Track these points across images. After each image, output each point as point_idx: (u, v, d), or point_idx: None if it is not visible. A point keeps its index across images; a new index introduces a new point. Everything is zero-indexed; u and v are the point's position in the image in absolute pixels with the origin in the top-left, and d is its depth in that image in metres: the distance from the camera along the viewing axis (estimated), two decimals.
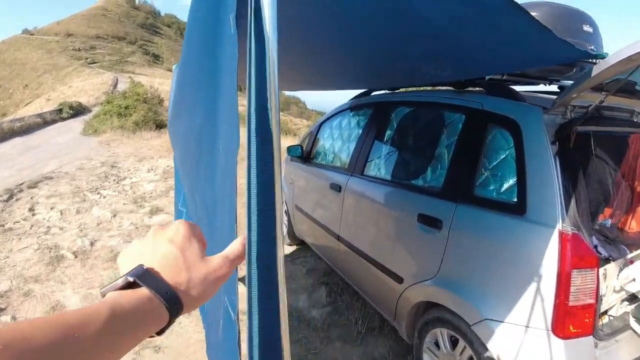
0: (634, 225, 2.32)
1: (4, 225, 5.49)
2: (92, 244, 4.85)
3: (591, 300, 1.73)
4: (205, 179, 1.27)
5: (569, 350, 1.69)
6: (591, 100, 1.94)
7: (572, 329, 1.71)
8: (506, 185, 1.98)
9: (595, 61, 1.70)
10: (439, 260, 2.18)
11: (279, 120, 0.76)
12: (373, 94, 3.58)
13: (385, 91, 3.44)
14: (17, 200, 6.68)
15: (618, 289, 2.01)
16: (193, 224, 0.63)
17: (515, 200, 1.91)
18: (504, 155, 2.02)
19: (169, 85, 4.94)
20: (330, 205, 3.50)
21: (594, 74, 1.49)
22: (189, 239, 0.59)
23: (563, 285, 1.67)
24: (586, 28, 2.26)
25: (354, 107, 3.68)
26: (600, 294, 1.79)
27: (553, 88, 2.78)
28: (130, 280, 0.50)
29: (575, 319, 1.71)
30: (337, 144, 3.77)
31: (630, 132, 2.26)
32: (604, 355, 1.79)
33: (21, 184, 7.66)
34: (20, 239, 5.04)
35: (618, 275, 1.98)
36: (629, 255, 2.02)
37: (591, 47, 2.26)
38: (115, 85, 41.37)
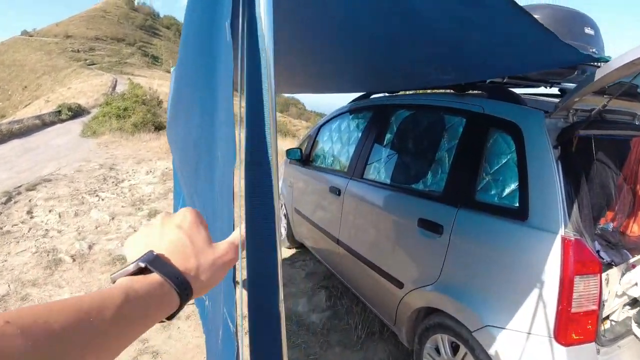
0: (636, 229, 2.30)
1: (2, 228, 5.46)
2: (90, 247, 4.82)
3: (594, 307, 1.71)
4: (204, 183, 1.26)
5: (571, 357, 1.67)
6: (593, 103, 1.93)
7: (575, 336, 1.69)
8: (508, 190, 1.96)
9: (598, 64, 1.68)
10: (439, 266, 2.16)
11: (276, 123, 0.75)
12: (373, 96, 3.55)
13: (385, 94, 3.42)
14: (16, 202, 6.66)
15: (620, 294, 1.99)
16: (199, 211, 0.63)
17: (517, 205, 1.89)
18: (506, 159, 2.00)
19: (167, 86, 4.93)
20: (329, 209, 3.48)
21: (597, 78, 1.48)
22: (197, 226, 0.60)
23: (565, 292, 1.65)
24: (588, 30, 2.25)
25: (353, 110, 3.66)
26: (603, 300, 1.77)
27: (551, 89, 2.77)
28: (142, 265, 0.51)
29: (578, 326, 1.69)
30: (337, 147, 3.75)
31: (632, 136, 2.25)
32: None
33: (19, 186, 7.63)
34: (18, 242, 5.01)
35: (620, 280, 1.96)
36: (631, 259, 2.01)
37: (593, 50, 2.25)
38: (114, 86, 41.49)
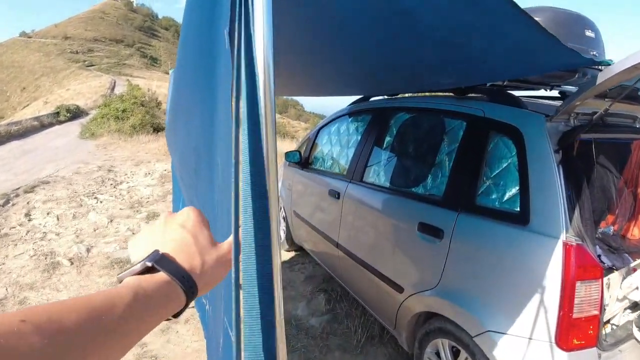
0: (637, 232, 2.29)
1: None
2: (89, 250, 4.80)
3: (595, 312, 1.70)
4: (204, 186, 1.25)
5: None
6: (593, 106, 1.92)
7: (576, 341, 1.68)
8: (509, 195, 1.95)
9: (600, 67, 1.67)
10: (440, 270, 2.14)
11: (275, 125, 0.75)
12: (372, 99, 3.54)
13: (385, 97, 3.41)
14: (14, 205, 6.63)
15: (621, 298, 1.98)
16: (201, 210, 0.65)
17: (518, 209, 1.87)
18: (506, 163, 1.98)
19: (166, 88, 4.92)
20: (329, 212, 3.46)
21: (598, 82, 1.47)
22: (200, 225, 0.61)
23: (567, 297, 1.64)
24: (588, 33, 2.24)
25: (353, 113, 3.64)
26: (604, 304, 1.76)
27: (551, 92, 2.76)
28: (149, 265, 0.52)
29: (579, 331, 1.68)
30: (336, 150, 3.73)
31: (633, 139, 2.24)
32: None
33: (17, 188, 7.61)
34: (16, 245, 4.99)
35: (621, 284, 1.95)
36: (632, 263, 2.00)
37: (593, 53, 2.24)
38: (112, 88, 41.53)
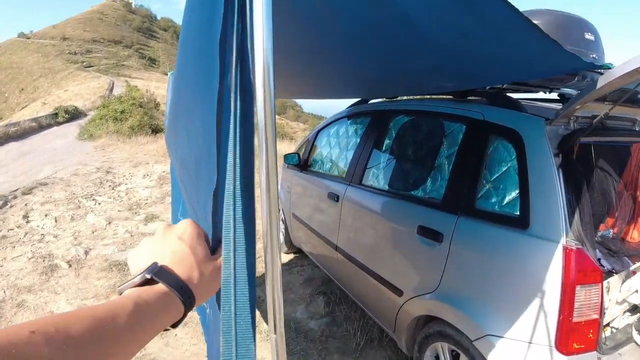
0: (636, 235, 2.29)
1: None
2: (87, 252, 4.78)
3: (595, 316, 1.69)
4: (204, 189, 1.24)
5: None
6: (593, 110, 1.91)
7: (576, 345, 1.67)
8: (508, 198, 1.94)
9: (601, 71, 1.67)
10: (439, 274, 2.13)
11: (275, 126, 0.75)
12: (371, 101, 3.53)
13: (384, 99, 3.40)
14: (12, 207, 6.61)
15: (620, 301, 1.97)
16: (198, 224, 0.67)
17: (517, 213, 1.87)
18: (506, 167, 1.98)
19: (165, 89, 4.92)
20: (328, 215, 3.46)
21: (599, 86, 1.46)
22: (197, 237, 0.64)
23: (567, 301, 1.64)
24: (588, 36, 2.24)
25: (352, 115, 3.63)
26: (604, 308, 1.76)
27: (550, 94, 2.76)
28: (148, 277, 0.54)
29: (579, 335, 1.67)
30: (335, 153, 3.73)
31: (632, 142, 2.23)
32: None
33: (15, 190, 7.59)
34: (14, 247, 4.97)
35: (620, 287, 1.95)
36: (632, 266, 1.99)
37: (593, 55, 2.24)
38: (111, 89, 41.49)
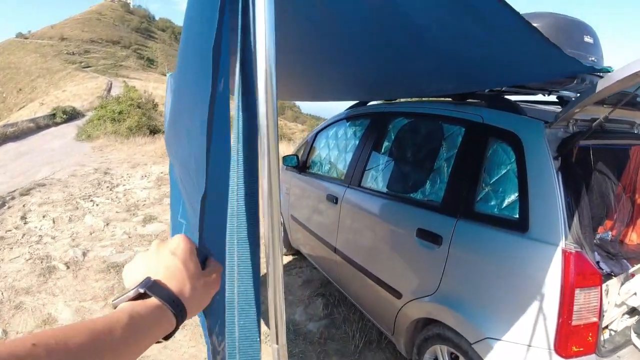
0: (635, 237, 2.30)
1: None
2: (85, 254, 4.77)
3: (594, 319, 1.69)
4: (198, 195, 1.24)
5: None
6: (592, 113, 1.92)
7: (575, 348, 1.67)
8: (508, 201, 1.94)
9: (601, 75, 1.67)
10: (438, 277, 2.13)
11: (277, 127, 0.77)
12: (370, 103, 3.53)
13: (383, 101, 3.40)
14: (9, 208, 6.60)
15: (619, 304, 1.97)
16: (191, 239, 0.69)
17: (517, 216, 1.86)
18: (505, 170, 1.98)
19: (163, 89, 4.90)
20: (326, 217, 3.45)
21: (598, 89, 1.46)
22: (190, 252, 0.66)
23: (566, 305, 1.64)
24: (587, 39, 2.24)
25: (351, 117, 3.63)
26: (603, 310, 1.76)
27: (549, 97, 2.76)
28: (141, 291, 0.57)
29: (578, 338, 1.67)
30: (334, 154, 3.72)
31: (631, 145, 2.24)
32: None
33: (13, 191, 7.58)
34: (11, 248, 4.96)
35: (619, 290, 1.95)
36: (631, 269, 1.99)
37: (592, 58, 2.24)
38: (109, 89, 41.48)
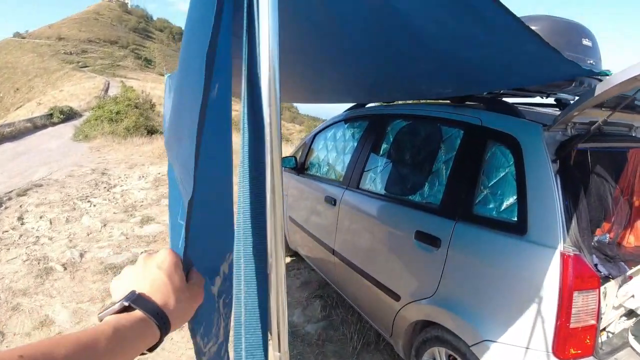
0: (632, 240, 2.30)
1: None
2: (82, 255, 4.75)
3: (592, 321, 1.70)
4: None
5: None
6: (590, 116, 1.92)
7: (573, 351, 1.67)
8: (506, 204, 1.94)
9: (599, 78, 1.67)
10: (437, 279, 2.13)
11: (280, 128, 0.78)
12: (368, 105, 3.53)
13: (381, 103, 3.40)
14: (6, 208, 6.57)
15: (617, 306, 1.98)
16: (177, 253, 0.71)
17: (515, 219, 1.87)
18: (504, 173, 1.98)
19: (161, 90, 4.89)
20: (325, 218, 3.45)
21: (597, 93, 1.46)
22: (175, 266, 0.68)
23: (564, 307, 1.64)
24: (585, 42, 2.25)
25: (349, 119, 3.62)
26: (601, 313, 1.76)
27: (547, 99, 2.77)
28: (126, 304, 0.58)
29: (576, 341, 1.67)
30: (332, 156, 3.72)
31: (629, 147, 2.24)
32: None
33: (10, 191, 7.54)
34: (8, 249, 4.94)
35: (617, 292, 1.95)
36: (628, 272, 2.00)
37: (590, 61, 2.25)
38: (106, 89, 41.36)
